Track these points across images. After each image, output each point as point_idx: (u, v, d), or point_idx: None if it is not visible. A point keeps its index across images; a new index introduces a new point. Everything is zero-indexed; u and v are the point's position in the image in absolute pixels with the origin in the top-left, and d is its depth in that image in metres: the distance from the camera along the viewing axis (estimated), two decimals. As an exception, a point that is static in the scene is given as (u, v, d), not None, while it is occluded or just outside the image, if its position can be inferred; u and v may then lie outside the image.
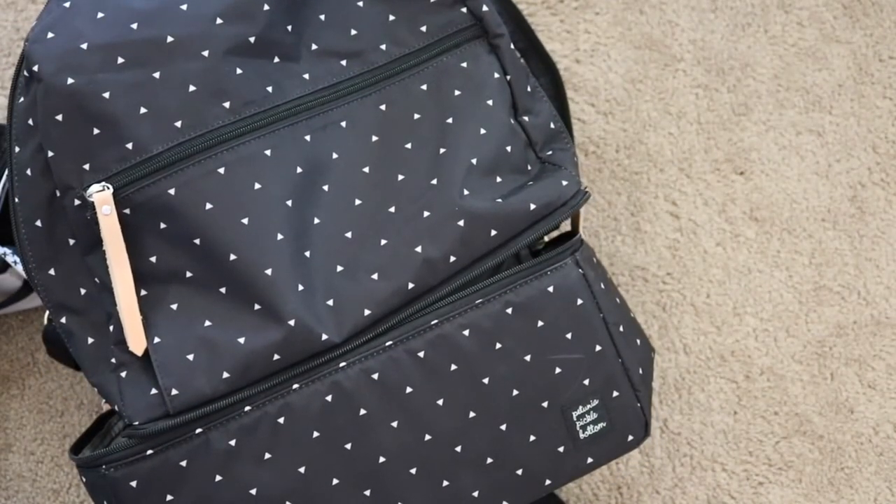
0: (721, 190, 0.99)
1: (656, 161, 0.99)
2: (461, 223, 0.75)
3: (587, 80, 1.00)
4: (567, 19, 1.00)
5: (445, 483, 0.75)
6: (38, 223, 0.73)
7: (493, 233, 0.76)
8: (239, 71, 0.73)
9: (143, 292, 0.72)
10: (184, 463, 0.71)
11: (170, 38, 0.72)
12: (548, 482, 0.78)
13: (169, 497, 0.72)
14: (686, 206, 0.99)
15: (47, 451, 0.94)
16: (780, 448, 0.97)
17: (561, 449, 0.78)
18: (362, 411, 0.73)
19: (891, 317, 0.99)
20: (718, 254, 0.99)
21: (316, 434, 0.73)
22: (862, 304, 0.99)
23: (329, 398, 0.73)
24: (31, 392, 0.95)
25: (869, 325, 0.99)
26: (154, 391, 0.72)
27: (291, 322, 0.71)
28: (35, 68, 0.70)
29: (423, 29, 0.78)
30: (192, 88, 0.72)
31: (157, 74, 0.71)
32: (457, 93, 0.78)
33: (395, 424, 0.74)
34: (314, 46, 0.76)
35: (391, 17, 0.78)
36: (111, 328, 0.73)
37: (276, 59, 0.75)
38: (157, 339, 0.72)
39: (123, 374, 0.72)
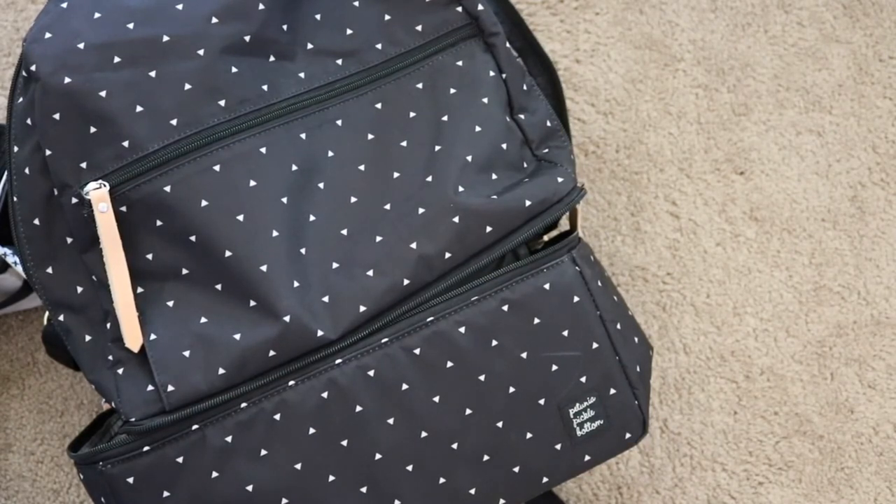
0: (721, 190, 0.99)
1: (656, 161, 0.99)
2: (456, 219, 0.75)
3: (587, 80, 1.00)
4: (567, 19, 1.00)
5: (442, 480, 0.75)
6: (37, 221, 0.73)
7: (489, 229, 0.76)
8: (234, 69, 0.74)
9: (140, 289, 0.73)
10: (180, 459, 0.72)
11: (165, 38, 0.72)
12: (545, 480, 0.78)
13: (165, 493, 0.72)
14: (686, 206, 0.99)
15: (47, 451, 0.95)
16: (780, 448, 0.97)
17: (558, 446, 0.78)
18: (358, 408, 0.73)
19: (891, 317, 0.98)
20: (718, 254, 0.99)
21: (312, 431, 0.73)
22: (862, 304, 0.99)
23: (325, 395, 0.73)
24: (31, 392, 0.95)
25: (869, 325, 0.98)
26: (151, 387, 0.72)
27: (287, 318, 0.71)
28: (33, 68, 0.71)
29: (419, 28, 0.78)
30: (187, 87, 0.72)
31: (153, 73, 0.72)
32: (452, 91, 0.78)
33: (391, 421, 0.74)
34: (310, 45, 0.77)
35: (387, 17, 0.78)
36: (108, 325, 0.73)
37: (272, 58, 0.75)
38: (153, 336, 0.72)
39: (120, 371, 0.73)
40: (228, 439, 0.72)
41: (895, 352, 0.98)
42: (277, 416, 0.72)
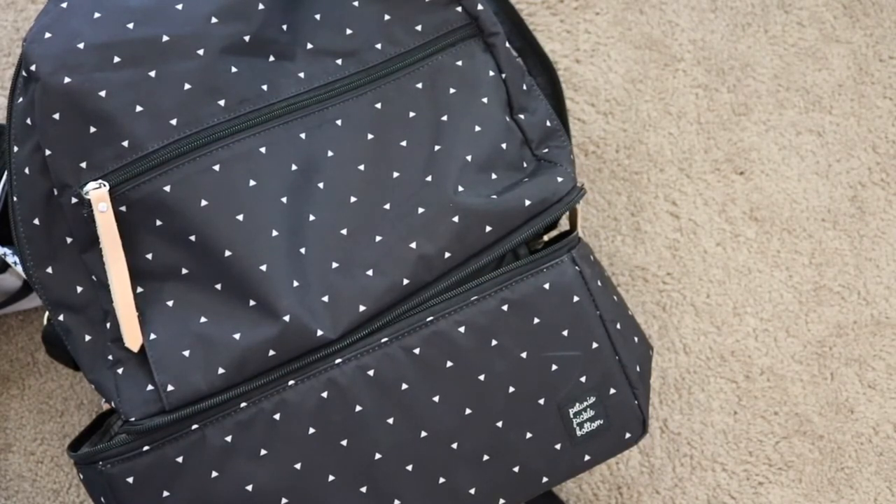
0: (721, 190, 0.99)
1: (656, 161, 0.99)
2: (455, 219, 0.75)
3: (587, 80, 1.00)
4: (567, 19, 1.00)
5: (442, 480, 0.75)
6: (36, 221, 0.73)
7: (488, 229, 0.76)
8: (234, 69, 0.74)
9: (140, 289, 0.73)
10: (180, 459, 0.72)
11: (165, 38, 0.72)
12: (545, 479, 0.78)
13: (165, 493, 0.72)
14: (686, 206, 0.99)
15: (47, 451, 0.95)
16: (780, 448, 0.97)
17: (558, 446, 0.78)
18: (358, 408, 0.73)
19: (891, 317, 0.98)
20: (718, 254, 0.99)
21: (311, 430, 0.73)
22: (862, 304, 0.99)
23: (324, 394, 0.73)
24: (31, 392, 0.95)
25: (869, 325, 0.98)
26: (150, 387, 0.72)
27: (286, 318, 0.71)
28: (33, 68, 0.71)
29: (418, 28, 0.78)
30: (187, 87, 0.72)
31: (152, 73, 0.72)
32: (451, 91, 0.78)
33: (390, 421, 0.74)
34: (309, 45, 0.77)
35: (386, 17, 0.78)
36: (108, 325, 0.73)
37: (272, 58, 0.76)
38: (153, 336, 0.72)
39: (120, 371, 0.73)
40: (228, 439, 0.72)
41: (895, 352, 0.98)
42: (277, 416, 0.72)
